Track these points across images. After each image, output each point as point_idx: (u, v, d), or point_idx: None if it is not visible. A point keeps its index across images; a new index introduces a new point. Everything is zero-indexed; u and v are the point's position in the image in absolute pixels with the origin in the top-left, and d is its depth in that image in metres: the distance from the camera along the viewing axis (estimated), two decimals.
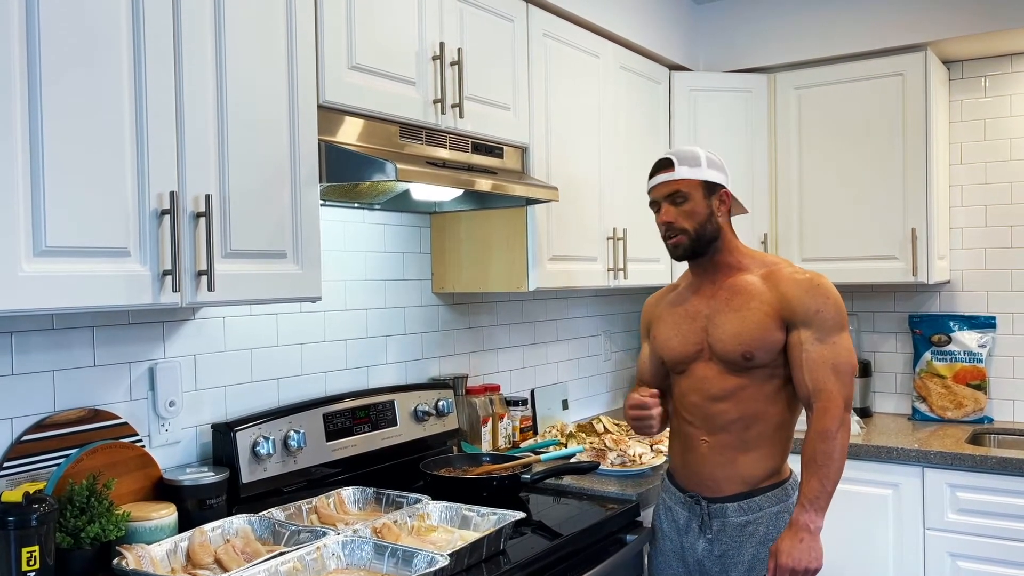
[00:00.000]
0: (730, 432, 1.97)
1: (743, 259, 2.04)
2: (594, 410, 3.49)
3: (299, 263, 1.77)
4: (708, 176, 1.99)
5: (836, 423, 1.88)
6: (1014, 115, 3.24)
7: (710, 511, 2.00)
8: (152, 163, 1.48)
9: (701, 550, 2.01)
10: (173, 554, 1.64)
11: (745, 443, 1.97)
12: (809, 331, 1.91)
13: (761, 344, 1.93)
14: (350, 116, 1.91)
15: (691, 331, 2.03)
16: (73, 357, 1.76)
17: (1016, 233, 3.23)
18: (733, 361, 1.96)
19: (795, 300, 1.92)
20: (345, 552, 1.65)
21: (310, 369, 2.27)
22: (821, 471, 1.88)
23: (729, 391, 1.97)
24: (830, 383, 1.89)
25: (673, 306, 2.11)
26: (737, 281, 2.01)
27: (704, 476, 2.01)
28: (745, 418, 1.96)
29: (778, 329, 1.93)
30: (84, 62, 1.39)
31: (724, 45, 3.43)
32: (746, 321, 1.95)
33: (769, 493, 1.98)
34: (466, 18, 2.22)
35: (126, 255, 1.45)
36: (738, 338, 1.94)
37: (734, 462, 1.98)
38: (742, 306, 1.97)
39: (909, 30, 3.07)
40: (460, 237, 2.62)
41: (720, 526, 1.99)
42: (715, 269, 2.05)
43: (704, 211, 1.99)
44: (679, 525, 2.06)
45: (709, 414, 1.99)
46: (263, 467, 1.97)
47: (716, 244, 2.02)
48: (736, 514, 1.97)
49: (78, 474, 1.66)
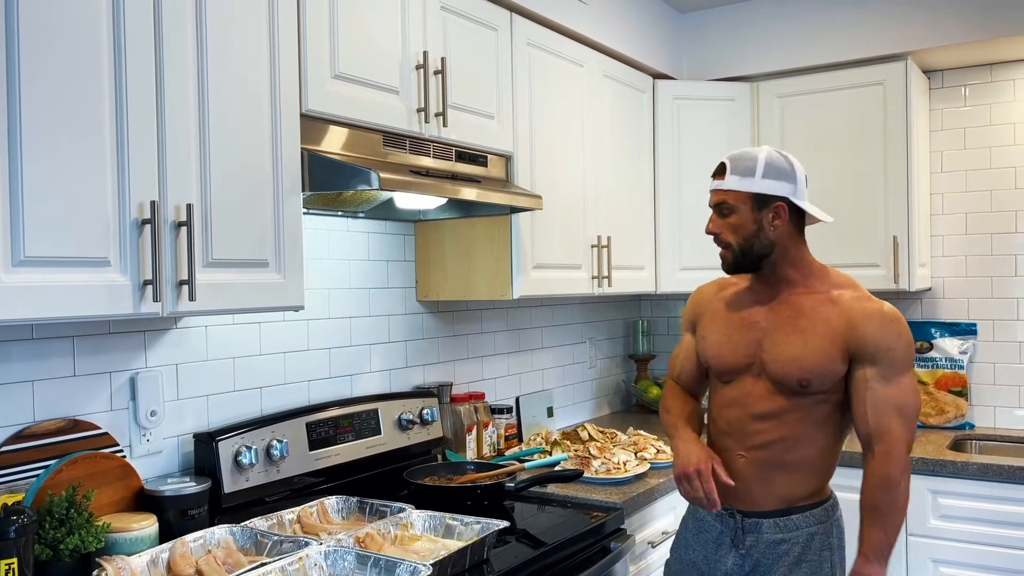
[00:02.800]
0: (769, 451, 1.86)
1: (810, 276, 1.89)
2: (579, 417, 3.49)
3: (281, 272, 1.77)
4: (759, 188, 1.82)
5: (899, 470, 1.76)
6: (994, 124, 3.27)
7: (744, 525, 1.89)
8: (133, 172, 1.48)
9: (731, 564, 1.90)
10: (154, 565, 1.62)
11: (785, 464, 1.86)
12: (876, 369, 1.78)
13: (821, 373, 1.80)
14: (333, 125, 1.91)
15: (744, 342, 1.90)
16: (53, 367, 1.74)
17: (996, 240, 3.27)
18: (786, 384, 1.83)
19: (867, 334, 1.78)
20: (328, 562, 1.64)
21: (293, 378, 2.27)
22: (884, 521, 1.77)
23: (774, 412, 1.85)
24: (894, 425, 1.77)
25: (728, 308, 1.97)
26: (804, 300, 1.86)
27: (740, 490, 1.89)
28: (787, 440, 1.85)
29: (841, 360, 1.80)
30: (64, 70, 1.38)
31: (707, 54, 3.45)
32: (808, 346, 1.81)
33: (808, 512, 1.87)
34: (450, 27, 2.23)
35: (106, 265, 1.45)
36: (797, 363, 1.82)
37: (772, 480, 1.87)
38: (806, 328, 1.83)
39: (890, 40, 3.10)
40: (444, 245, 2.62)
41: (753, 541, 1.88)
42: (777, 281, 1.90)
43: (750, 226, 1.84)
44: (709, 537, 1.95)
45: (749, 432, 1.88)
46: (245, 477, 1.96)
47: (771, 259, 1.87)
48: (771, 531, 1.87)
49: (58, 485, 1.64)
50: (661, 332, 3.98)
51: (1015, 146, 3.24)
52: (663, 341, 3.97)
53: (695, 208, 3.32)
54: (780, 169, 1.84)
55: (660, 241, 3.29)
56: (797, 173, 1.85)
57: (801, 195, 1.86)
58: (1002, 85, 3.26)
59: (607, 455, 2.56)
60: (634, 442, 2.77)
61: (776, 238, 1.85)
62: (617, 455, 2.56)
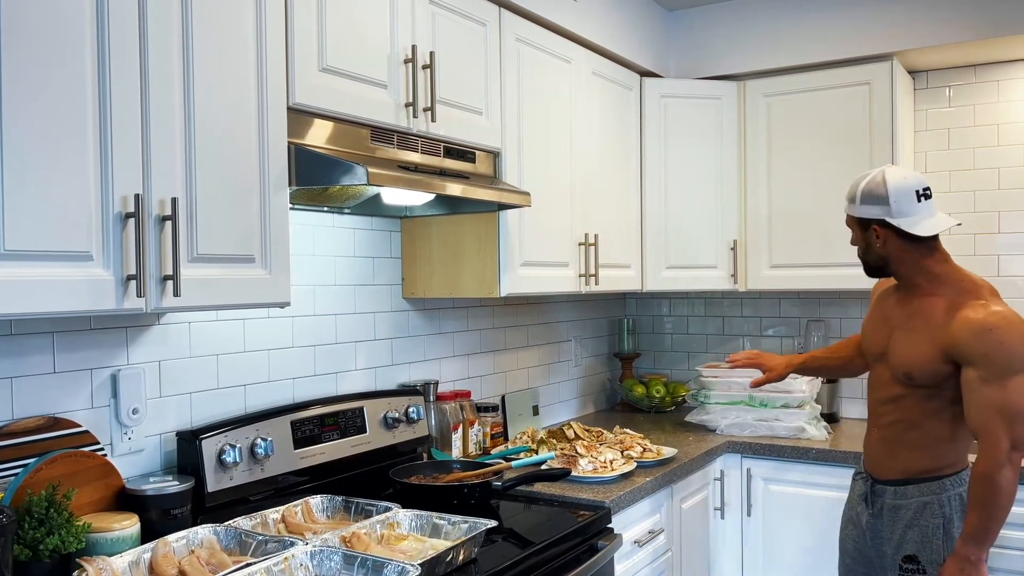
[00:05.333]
0: (891, 430, 2.16)
1: (937, 283, 2.10)
2: (564, 416, 3.48)
3: (267, 268, 1.74)
4: (858, 213, 2.12)
5: (996, 467, 1.93)
6: (977, 125, 3.30)
7: (875, 490, 2.20)
8: (116, 165, 1.45)
9: (865, 521, 2.22)
10: (136, 566, 1.59)
11: (905, 442, 2.13)
12: (976, 371, 1.96)
13: (922, 370, 2.06)
14: (320, 119, 1.88)
15: (879, 334, 2.22)
16: (32, 364, 1.71)
17: (980, 241, 3.29)
18: (897, 376, 2.12)
19: (961, 342, 1.98)
20: (313, 563, 1.62)
21: (278, 375, 2.24)
22: (983, 510, 1.96)
23: (894, 397, 2.14)
24: (993, 425, 1.94)
25: (883, 302, 2.27)
26: (924, 304, 2.10)
27: (873, 459, 2.23)
28: (905, 422, 2.13)
29: (943, 362, 2.02)
30: (45, 59, 1.35)
31: (695, 52, 3.45)
32: (912, 346, 2.08)
33: (921, 484, 2.11)
34: (438, 22, 2.21)
35: (88, 259, 1.42)
36: (904, 358, 2.10)
37: (894, 455, 2.16)
38: (916, 329, 2.09)
39: (876, 40, 3.11)
40: (431, 242, 2.60)
41: (880, 504, 2.18)
42: (908, 286, 2.16)
43: (861, 243, 2.16)
44: (857, 497, 2.28)
45: (878, 411, 2.21)
46: (229, 476, 1.94)
47: (892, 269, 2.15)
48: (891, 497, 2.15)
49: (37, 484, 1.61)
50: (646, 331, 3.97)
51: (998, 147, 3.26)
52: (648, 340, 3.97)
53: (682, 206, 3.32)
54: (874, 195, 2.08)
55: (647, 239, 3.29)
56: (892, 192, 2.06)
57: (903, 213, 2.06)
58: (986, 86, 3.28)
59: (594, 454, 2.56)
60: (620, 441, 2.76)
61: (887, 253, 2.12)
62: (604, 454, 2.56)
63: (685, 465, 2.69)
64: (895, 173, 2.09)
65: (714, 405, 3.21)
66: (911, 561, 2.10)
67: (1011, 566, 2.60)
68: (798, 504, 2.92)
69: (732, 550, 3.03)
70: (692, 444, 2.95)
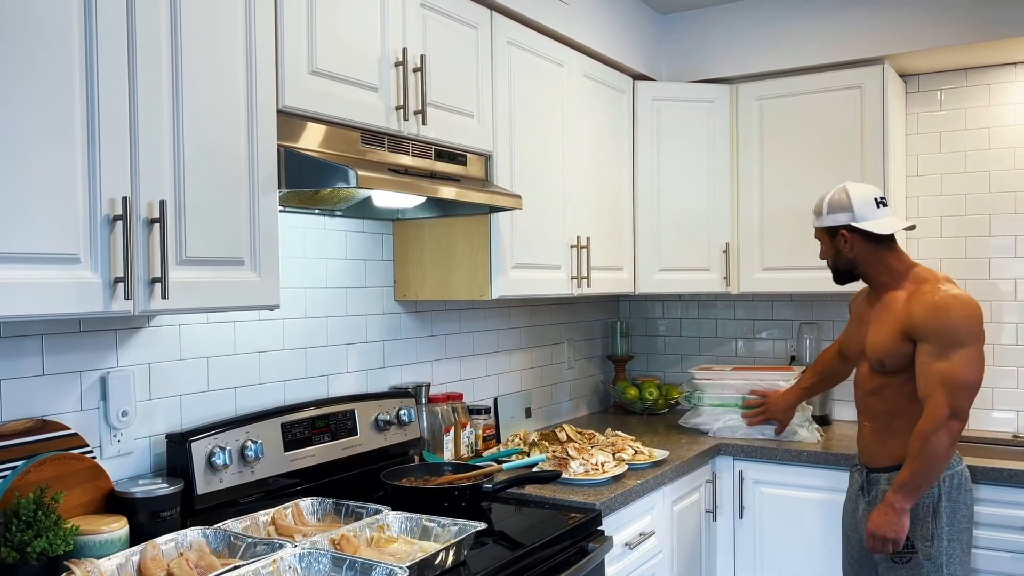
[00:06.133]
0: (880, 420, 2.35)
1: (899, 278, 2.35)
2: (557, 418, 3.49)
3: (257, 271, 1.74)
4: (826, 223, 2.40)
5: (932, 427, 2.16)
6: (968, 128, 3.31)
7: (869, 479, 2.38)
8: (104, 167, 1.45)
9: (861, 510, 2.39)
10: (124, 568, 1.59)
11: (893, 430, 2.31)
12: (928, 345, 2.20)
13: (890, 354, 2.28)
14: (310, 122, 1.88)
15: (858, 334, 2.45)
16: (21, 366, 1.70)
17: (971, 244, 3.30)
18: (874, 365, 2.34)
19: (916, 318, 2.23)
20: (302, 565, 1.62)
21: (268, 378, 2.24)
22: (913, 464, 2.20)
23: (876, 388, 2.36)
24: (937, 392, 2.18)
25: (858, 308, 2.53)
26: (889, 297, 2.35)
27: (864, 451, 2.42)
28: (890, 411, 2.32)
29: (903, 342, 2.25)
30: (32, 60, 1.35)
31: (687, 56, 3.46)
32: (881, 334, 2.31)
33: None
34: (429, 25, 2.21)
35: (76, 262, 1.42)
36: (875, 347, 2.32)
37: (885, 443, 2.34)
38: (883, 320, 2.32)
39: (867, 44, 3.12)
40: (423, 244, 2.60)
41: (875, 492, 2.34)
42: (876, 286, 2.41)
43: (831, 251, 2.43)
44: (853, 489, 2.47)
45: (865, 405, 2.41)
46: (219, 478, 1.93)
47: (860, 271, 2.39)
48: (886, 483, 2.31)
49: (25, 487, 1.61)
50: (639, 333, 3.98)
51: (989, 150, 3.27)
52: (641, 342, 3.97)
53: (674, 209, 3.33)
54: (840, 204, 2.36)
55: (639, 242, 3.29)
56: (854, 200, 2.34)
57: (865, 217, 2.34)
58: (977, 89, 3.29)
59: (585, 456, 2.56)
60: (612, 443, 2.76)
61: (855, 256, 2.38)
62: (595, 456, 2.56)
63: (677, 467, 2.70)
64: (855, 185, 2.39)
65: (707, 407, 3.21)
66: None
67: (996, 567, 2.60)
68: (790, 506, 2.93)
69: (724, 552, 3.03)
70: (684, 446, 2.95)
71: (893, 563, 2.28)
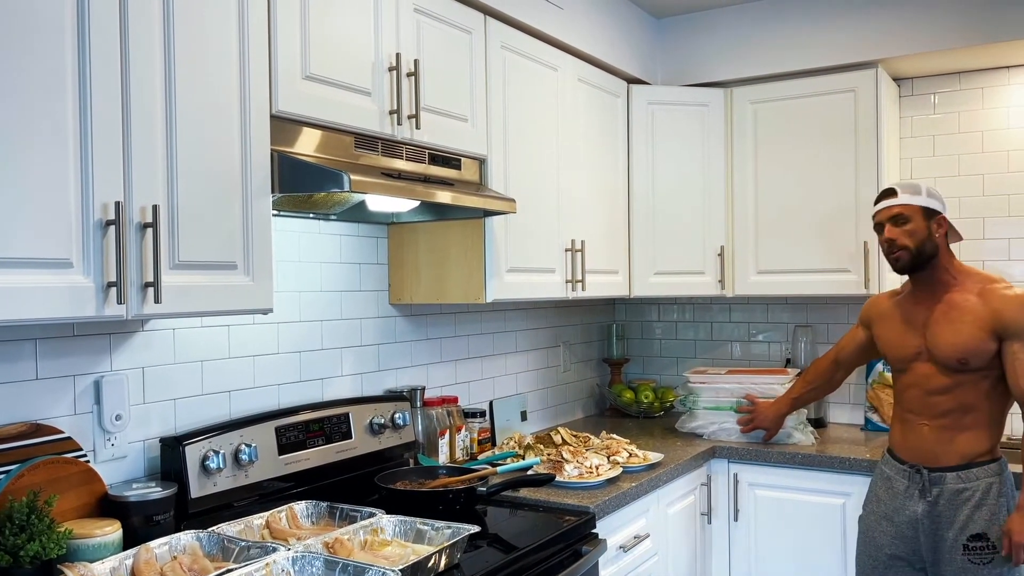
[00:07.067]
0: (948, 418, 2.32)
1: (960, 277, 2.37)
2: (553, 421, 3.49)
3: (250, 274, 1.74)
4: (927, 203, 2.35)
5: None
6: (962, 132, 3.32)
7: (930, 479, 2.32)
8: (97, 172, 1.45)
9: (921, 512, 2.33)
10: (117, 572, 1.59)
11: (963, 426, 2.31)
12: (1021, 343, 2.23)
13: (974, 352, 2.27)
14: (304, 126, 1.89)
15: (910, 338, 2.40)
16: (14, 370, 1.71)
17: (964, 247, 3.30)
18: (949, 364, 2.30)
19: (1006, 315, 2.25)
20: (295, 568, 1.62)
21: (263, 381, 2.24)
22: None
23: (946, 387, 2.32)
24: None
25: (895, 311, 2.49)
26: (954, 297, 2.35)
27: (925, 451, 2.36)
28: (962, 407, 2.31)
29: (990, 340, 2.26)
30: (25, 64, 1.36)
31: (682, 60, 3.47)
32: (960, 333, 2.29)
33: (986, 466, 2.29)
34: (423, 29, 2.22)
35: (68, 266, 1.42)
36: (954, 347, 2.29)
37: (952, 441, 2.31)
38: (957, 319, 2.31)
39: (861, 48, 3.13)
40: (418, 248, 2.61)
41: (939, 491, 2.30)
42: (934, 284, 2.38)
43: (923, 232, 2.34)
44: (897, 491, 2.39)
45: (929, 404, 2.35)
46: (213, 482, 1.94)
47: (934, 262, 2.35)
48: (954, 482, 2.29)
49: (18, 491, 1.61)
50: (635, 336, 3.99)
51: (983, 154, 3.28)
52: (637, 345, 3.98)
53: (669, 212, 3.33)
54: (935, 194, 2.39)
55: (634, 245, 3.30)
56: (944, 200, 2.40)
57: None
58: (970, 93, 3.30)
59: (580, 459, 2.56)
60: (607, 446, 2.77)
61: (939, 244, 2.36)
62: (589, 459, 2.56)
63: (671, 470, 2.70)
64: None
65: (702, 410, 3.22)
66: (979, 539, 2.25)
67: None
68: (785, 509, 2.93)
69: (719, 555, 3.04)
70: (679, 449, 2.96)
71: (972, 564, 2.25)
